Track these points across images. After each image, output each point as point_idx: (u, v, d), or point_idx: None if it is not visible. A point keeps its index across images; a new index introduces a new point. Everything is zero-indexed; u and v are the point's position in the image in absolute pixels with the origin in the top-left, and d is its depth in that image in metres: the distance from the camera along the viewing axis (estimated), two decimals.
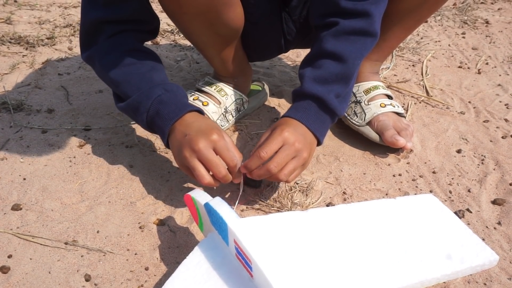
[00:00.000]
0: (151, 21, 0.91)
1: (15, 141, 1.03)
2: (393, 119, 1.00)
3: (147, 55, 0.89)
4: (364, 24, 0.81)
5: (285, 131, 0.76)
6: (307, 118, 0.81)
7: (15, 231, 0.79)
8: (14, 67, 1.36)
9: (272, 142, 0.75)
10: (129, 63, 0.85)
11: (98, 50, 0.87)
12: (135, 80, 0.84)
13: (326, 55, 0.82)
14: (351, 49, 0.82)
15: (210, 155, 0.74)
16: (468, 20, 1.78)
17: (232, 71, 1.05)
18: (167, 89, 0.83)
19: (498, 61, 1.45)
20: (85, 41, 0.89)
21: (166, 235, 0.79)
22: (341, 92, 0.82)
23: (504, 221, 0.82)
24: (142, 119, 0.83)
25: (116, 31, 0.86)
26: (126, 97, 0.84)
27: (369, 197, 0.88)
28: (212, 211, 0.65)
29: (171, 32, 1.65)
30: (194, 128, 0.77)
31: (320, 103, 0.81)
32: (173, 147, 0.80)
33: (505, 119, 1.13)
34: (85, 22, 0.87)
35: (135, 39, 0.89)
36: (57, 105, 1.17)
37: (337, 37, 0.82)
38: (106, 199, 0.87)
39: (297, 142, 0.76)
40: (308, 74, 0.83)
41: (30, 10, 1.83)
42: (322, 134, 0.83)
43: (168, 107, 0.80)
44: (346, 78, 0.82)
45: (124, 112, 0.88)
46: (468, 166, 0.96)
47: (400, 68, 1.40)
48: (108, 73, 0.86)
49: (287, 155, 0.75)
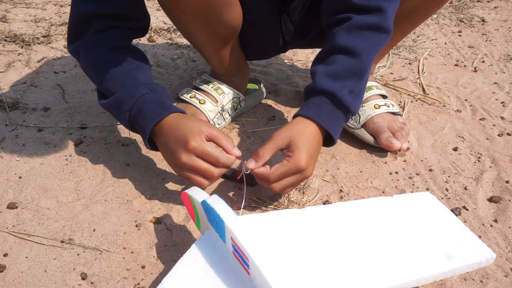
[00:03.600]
0: (141, 18, 0.91)
1: (11, 140, 1.02)
2: (388, 120, 1.00)
3: (134, 53, 0.88)
4: (377, 20, 0.79)
5: (298, 158, 0.74)
6: (320, 116, 0.78)
7: (10, 229, 0.79)
8: (10, 65, 1.36)
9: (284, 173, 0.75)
10: (114, 60, 0.85)
11: (84, 43, 0.86)
12: (120, 77, 0.83)
13: (338, 50, 0.80)
14: (365, 44, 0.79)
15: (196, 164, 0.74)
16: (465, 19, 1.78)
17: (229, 70, 1.05)
18: (151, 89, 0.82)
19: (494, 59, 1.45)
20: (73, 34, 0.88)
21: (162, 233, 0.79)
22: (354, 88, 0.80)
23: (500, 219, 0.82)
24: (125, 117, 0.82)
25: (104, 27, 0.86)
26: (110, 94, 0.84)
27: (365, 195, 0.88)
28: (209, 209, 0.64)
29: (167, 30, 1.65)
30: (172, 139, 0.76)
31: (333, 99, 0.78)
32: (164, 157, 0.82)
33: (501, 117, 1.13)
34: (74, 14, 0.86)
35: (123, 36, 0.88)
36: (53, 104, 1.17)
37: (349, 32, 0.79)
38: (103, 198, 0.86)
39: (306, 164, 0.74)
40: (320, 70, 0.80)
41: (25, 8, 1.82)
42: (336, 132, 0.80)
43: (151, 107, 0.80)
44: (360, 73, 0.80)
45: (106, 109, 0.87)
46: (464, 164, 0.97)
47: (396, 66, 1.40)
48: (93, 68, 0.85)
49: (289, 172, 0.75)
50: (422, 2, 0.92)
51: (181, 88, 1.16)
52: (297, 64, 1.42)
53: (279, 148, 0.76)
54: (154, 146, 0.83)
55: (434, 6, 0.96)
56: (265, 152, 0.76)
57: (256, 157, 0.76)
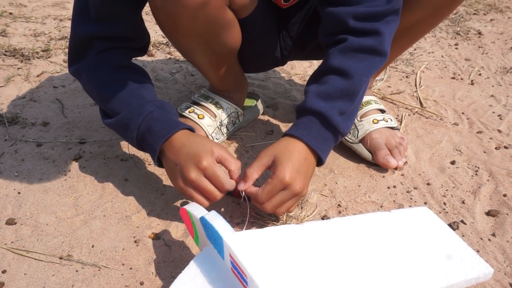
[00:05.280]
0: (142, 38, 0.92)
1: (10, 155, 1.03)
2: (386, 135, 1.00)
3: (136, 71, 0.89)
4: (373, 42, 0.79)
5: (281, 173, 0.73)
6: (308, 135, 0.78)
7: (9, 245, 0.79)
8: (9, 80, 1.37)
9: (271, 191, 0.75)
10: (118, 79, 0.85)
11: (86, 65, 0.87)
12: (125, 96, 0.83)
13: (331, 70, 0.80)
14: (358, 66, 0.79)
15: (203, 184, 0.74)
16: (461, 31, 1.80)
17: (228, 86, 1.06)
18: (158, 106, 0.82)
19: (491, 72, 1.46)
20: (74, 55, 0.89)
21: (161, 249, 0.79)
22: (345, 109, 0.80)
23: (498, 233, 0.82)
24: (132, 136, 0.82)
25: (105, 47, 0.86)
26: (115, 114, 0.84)
27: (364, 210, 0.88)
28: (208, 225, 0.65)
29: (166, 44, 1.66)
30: (183, 155, 0.76)
31: (322, 119, 0.78)
32: (167, 173, 0.81)
33: (498, 130, 1.14)
34: (75, 36, 0.87)
35: (124, 56, 0.89)
36: (52, 118, 1.18)
37: (344, 53, 0.80)
38: (101, 213, 0.87)
39: (290, 178, 0.74)
40: (312, 89, 0.81)
41: (25, 23, 1.84)
42: (324, 152, 0.80)
43: (159, 124, 0.80)
44: (352, 94, 0.80)
45: (112, 128, 0.87)
46: (462, 177, 0.97)
47: (394, 80, 1.42)
48: (96, 89, 0.86)
49: (275, 189, 0.75)
50: (421, 18, 0.93)
51: (180, 102, 1.17)
52: (294, 78, 1.43)
53: (265, 166, 0.77)
54: (160, 163, 0.84)
55: (433, 23, 0.97)
56: (252, 172, 0.76)
57: (245, 178, 0.77)
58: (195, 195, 0.76)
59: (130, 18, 0.87)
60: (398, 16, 0.82)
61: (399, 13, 0.82)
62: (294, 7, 0.97)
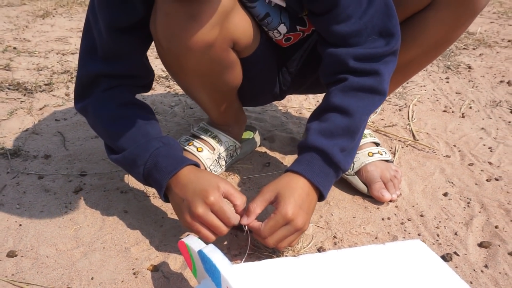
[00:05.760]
0: (146, 76, 0.94)
1: (12, 187, 1.04)
2: (381, 168, 1.02)
3: (142, 108, 0.90)
4: (373, 82, 0.81)
5: (284, 209, 0.75)
6: (310, 171, 0.79)
7: (10, 278, 0.79)
8: (12, 113, 1.39)
9: (274, 226, 0.76)
10: (124, 116, 0.87)
11: (93, 102, 0.88)
12: (131, 133, 0.85)
13: (333, 109, 0.82)
14: (359, 104, 0.81)
15: (210, 219, 0.76)
16: (452, 65, 1.84)
17: (227, 121, 1.08)
18: (164, 142, 0.84)
19: (481, 105, 1.50)
20: (81, 92, 0.90)
21: (160, 281, 0.79)
22: (346, 146, 0.81)
23: (490, 264, 0.83)
24: (139, 172, 0.83)
25: (112, 85, 0.88)
26: (121, 150, 0.85)
27: (359, 241, 0.89)
28: (206, 258, 0.66)
29: (165, 78, 1.70)
30: (190, 190, 0.77)
31: (324, 156, 0.80)
32: (174, 208, 0.83)
33: (489, 162, 1.16)
34: (82, 74, 0.88)
35: (129, 93, 0.90)
36: (54, 151, 1.19)
37: (345, 92, 0.81)
38: (101, 245, 0.87)
39: (293, 214, 0.75)
40: (314, 127, 0.82)
41: (29, 57, 1.88)
42: (325, 187, 0.81)
43: (166, 161, 0.81)
44: (352, 132, 0.81)
45: (119, 164, 0.88)
46: (454, 209, 0.99)
47: (387, 113, 1.45)
48: (103, 125, 0.87)
49: (278, 224, 0.76)
50: (415, 56, 0.97)
51: (179, 135, 1.19)
52: (291, 111, 1.45)
53: (268, 201, 0.78)
54: (167, 198, 0.84)
55: (427, 60, 1.01)
56: (255, 207, 0.78)
57: (248, 212, 0.78)
58: (202, 230, 0.77)
59: (136, 57, 0.89)
60: (396, 56, 0.85)
61: (397, 54, 0.85)
62: (294, 45, 1.00)
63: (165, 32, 0.80)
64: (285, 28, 0.93)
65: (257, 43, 0.93)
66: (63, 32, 2.24)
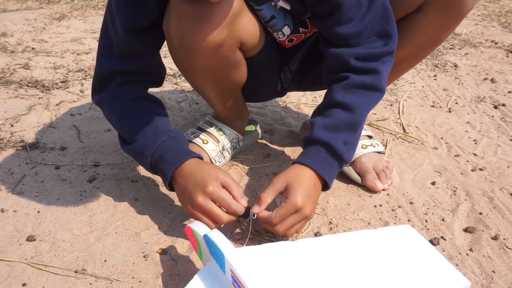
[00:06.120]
0: (158, 73, 0.93)
1: (31, 177, 1.04)
2: (374, 159, 1.02)
3: (153, 103, 0.90)
4: (373, 80, 0.81)
5: (294, 198, 0.75)
6: (316, 163, 0.79)
7: (29, 260, 0.79)
8: (31, 108, 1.38)
9: (284, 214, 0.75)
10: (136, 109, 0.87)
11: (108, 95, 0.88)
12: (141, 125, 0.85)
13: (336, 105, 0.82)
14: (360, 101, 0.81)
15: (210, 207, 0.75)
16: (439, 64, 1.83)
17: (231, 115, 1.08)
18: (171, 136, 0.84)
19: (466, 101, 1.49)
20: (97, 86, 0.90)
21: (168, 264, 0.79)
22: (348, 139, 0.82)
23: (475, 248, 0.83)
24: (146, 162, 0.83)
25: (126, 80, 0.87)
26: (132, 141, 0.85)
27: (353, 226, 0.89)
28: (210, 242, 0.65)
29: (173, 75, 1.69)
30: (192, 181, 0.77)
31: (329, 149, 0.80)
32: (178, 196, 0.83)
33: (474, 153, 1.15)
34: (99, 70, 0.88)
35: (142, 88, 0.90)
36: (69, 143, 1.19)
37: (347, 90, 0.81)
38: (113, 230, 0.87)
39: (302, 203, 0.75)
40: (318, 122, 0.82)
41: (46, 57, 1.87)
42: (330, 178, 0.81)
43: (171, 153, 0.81)
44: (354, 127, 0.82)
45: (129, 154, 0.88)
46: (442, 197, 0.98)
47: (379, 108, 1.43)
48: (116, 117, 0.87)
49: (288, 213, 0.75)
50: (407, 55, 0.96)
51: (186, 128, 1.18)
52: (290, 106, 1.45)
53: (278, 191, 0.78)
54: (171, 186, 0.84)
55: (417, 59, 1.00)
56: (266, 196, 0.77)
57: (259, 202, 0.77)
58: (203, 218, 0.76)
59: (149, 55, 0.88)
60: (393, 56, 0.85)
61: (393, 54, 0.85)
62: (295, 45, 1.00)
63: (177, 32, 0.79)
64: (289, 29, 0.92)
65: (262, 43, 0.92)
66: (78, 33, 2.22)
